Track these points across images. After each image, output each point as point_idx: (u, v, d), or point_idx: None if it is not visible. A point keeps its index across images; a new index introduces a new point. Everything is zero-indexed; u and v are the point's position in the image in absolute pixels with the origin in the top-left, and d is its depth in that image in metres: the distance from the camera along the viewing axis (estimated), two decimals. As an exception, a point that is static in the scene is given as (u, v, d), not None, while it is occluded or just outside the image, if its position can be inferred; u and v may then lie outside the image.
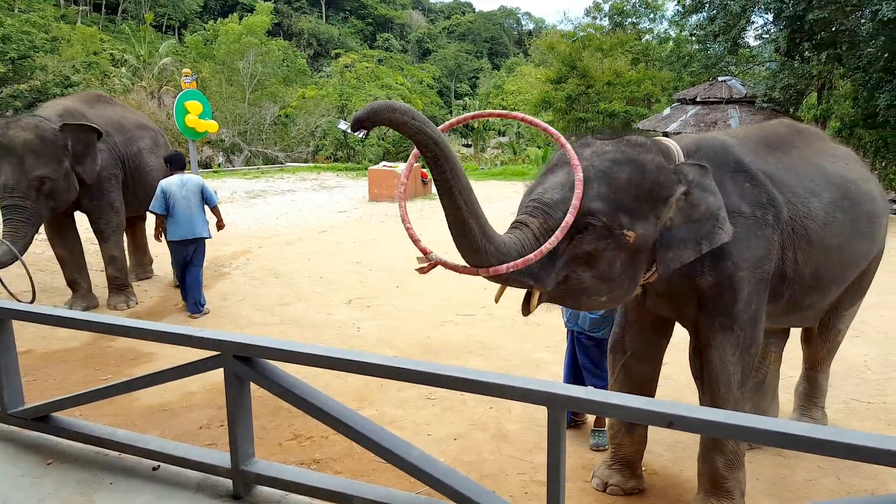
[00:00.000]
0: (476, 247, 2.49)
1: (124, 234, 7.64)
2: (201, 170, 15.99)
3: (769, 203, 3.06)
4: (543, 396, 1.70)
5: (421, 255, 2.55)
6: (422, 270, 2.58)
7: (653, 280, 2.91)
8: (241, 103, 27.05)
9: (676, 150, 2.93)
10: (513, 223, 2.66)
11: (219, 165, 26.77)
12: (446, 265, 2.56)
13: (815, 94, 17.54)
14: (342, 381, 4.92)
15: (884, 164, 17.42)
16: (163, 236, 6.74)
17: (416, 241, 2.54)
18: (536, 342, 5.66)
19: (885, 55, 13.20)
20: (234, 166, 25.63)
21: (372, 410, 4.54)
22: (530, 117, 2.81)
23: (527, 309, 2.75)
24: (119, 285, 6.95)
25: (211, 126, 11.23)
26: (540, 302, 2.72)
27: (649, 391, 3.51)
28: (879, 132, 14.98)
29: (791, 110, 16.17)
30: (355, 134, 2.18)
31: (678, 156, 2.91)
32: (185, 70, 11.28)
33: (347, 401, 4.61)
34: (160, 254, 8.05)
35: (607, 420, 3.63)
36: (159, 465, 2.43)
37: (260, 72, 28.62)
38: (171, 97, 24.69)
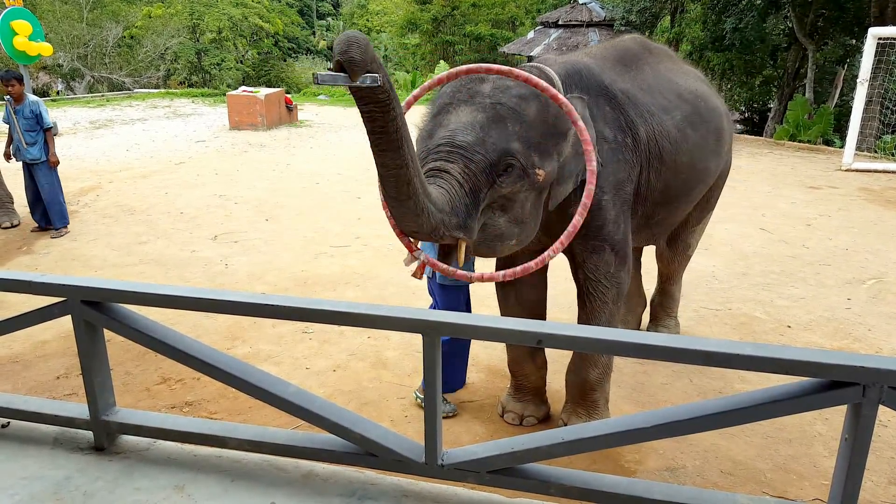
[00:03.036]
0: (419, 209, 2.24)
1: None
2: (38, 98, 14.33)
3: (628, 126, 3.10)
4: (418, 324, 1.69)
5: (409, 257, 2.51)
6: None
7: (549, 209, 2.89)
8: (79, 23, 24.35)
9: (557, 79, 2.85)
10: (430, 171, 2.44)
11: (57, 93, 24.26)
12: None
13: (669, 17, 18.34)
14: (212, 320, 4.73)
15: (729, 86, 18.69)
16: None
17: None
18: (412, 270, 5.68)
19: (731, -21, 13.95)
20: (75, 94, 23.33)
21: (245, 349, 4.41)
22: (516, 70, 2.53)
23: (449, 261, 2.66)
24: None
25: (44, 49, 10.13)
26: (465, 254, 2.58)
27: (540, 315, 3.55)
28: (726, 55, 15.98)
29: (647, 33, 16.84)
30: (363, 83, 1.79)
31: (559, 85, 2.83)
32: (7, -15, 9.96)
33: (218, 340, 4.46)
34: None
35: (508, 354, 3.62)
36: (9, 422, 2.24)
37: (98, -12, 25.84)
38: (-8, 16, 21.80)
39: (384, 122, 1.99)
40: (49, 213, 6.79)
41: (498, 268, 3.50)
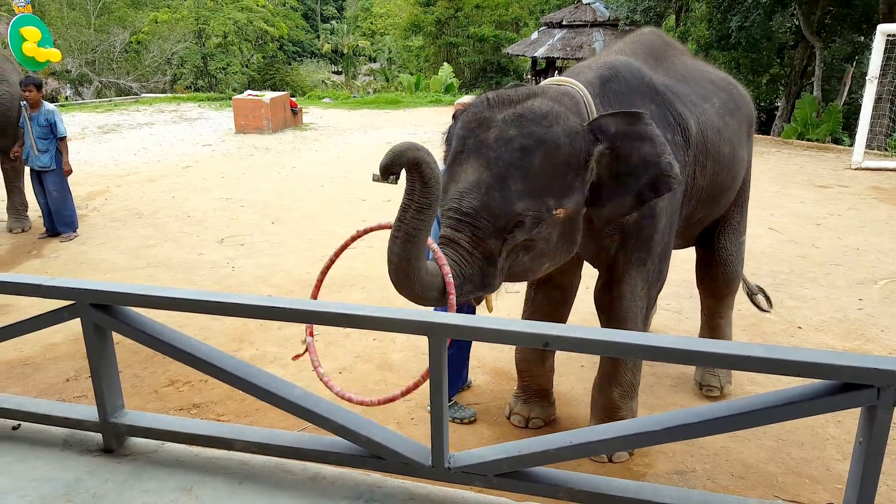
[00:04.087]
0: (416, 298, 2.34)
1: None
2: (54, 106, 14.47)
3: (677, 122, 2.91)
4: (423, 326, 1.68)
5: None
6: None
7: (599, 226, 2.77)
8: (87, 29, 24.47)
9: (584, 96, 2.69)
10: (442, 239, 2.46)
11: (66, 98, 24.38)
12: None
13: (674, 16, 18.28)
14: (219, 322, 4.74)
15: (735, 86, 18.54)
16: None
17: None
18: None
19: (736, -22, 13.90)
20: (83, 99, 23.46)
21: (252, 350, 4.42)
22: None
23: (489, 307, 2.71)
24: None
25: (53, 55, 10.18)
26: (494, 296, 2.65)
27: (562, 317, 3.45)
28: (732, 53, 15.90)
29: (652, 34, 16.76)
30: (387, 182, 2.10)
31: (588, 102, 2.67)
32: (16, -8, 10.03)
33: (225, 342, 4.47)
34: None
35: (516, 354, 3.56)
36: (20, 424, 2.25)
37: (105, -6, 25.96)
38: (3, 24, 21.91)
39: (429, 199, 2.09)
40: (55, 220, 6.82)
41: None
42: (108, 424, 2.07)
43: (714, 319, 3.94)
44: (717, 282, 3.81)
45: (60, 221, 6.82)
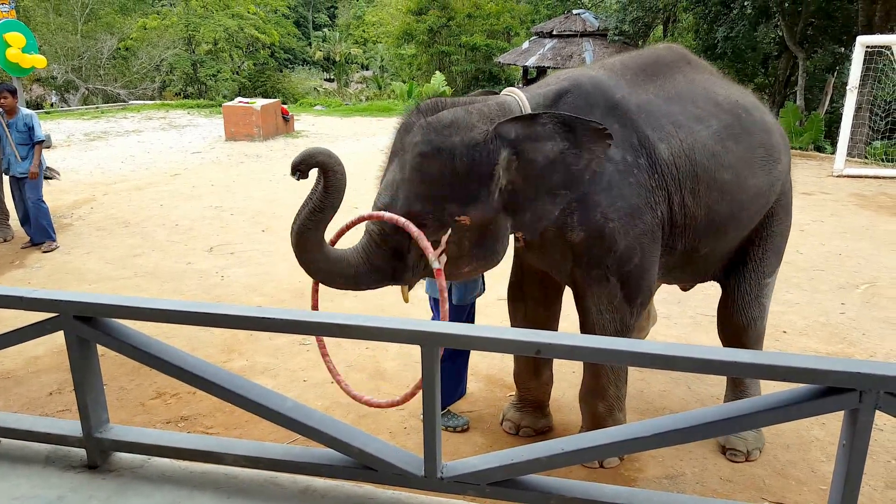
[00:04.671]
0: (311, 258, 2.59)
1: None
2: (31, 111, 14.34)
3: (641, 144, 2.83)
4: (416, 335, 1.68)
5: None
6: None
7: (528, 238, 2.85)
8: (74, 35, 24.34)
9: (521, 104, 2.74)
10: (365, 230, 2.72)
11: (52, 105, 24.24)
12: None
13: (662, 27, 18.44)
14: (208, 333, 4.71)
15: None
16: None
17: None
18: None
19: (722, -12, 14.07)
20: (69, 106, 23.31)
21: (242, 361, 4.39)
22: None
23: (405, 298, 2.85)
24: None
25: (38, 61, 10.12)
26: (410, 287, 2.81)
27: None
28: (718, 63, 16.06)
29: (640, 43, 16.92)
30: (295, 178, 2.44)
31: (524, 110, 2.71)
32: (0, -3, 9.99)
33: (215, 353, 4.44)
34: None
35: (514, 364, 3.57)
36: (0, 441, 2.21)
37: (92, 0, 25.83)
38: (-15, 29, 21.77)
39: (334, 195, 2.42)
40: (32, 229, 6.76)
41: (512, 287, 3.49)
42: (93, 439, 2.03)
43: (736, 379, 3.54)
44: (729, 328, 3.53)
45: (37, 230, 6.74)
